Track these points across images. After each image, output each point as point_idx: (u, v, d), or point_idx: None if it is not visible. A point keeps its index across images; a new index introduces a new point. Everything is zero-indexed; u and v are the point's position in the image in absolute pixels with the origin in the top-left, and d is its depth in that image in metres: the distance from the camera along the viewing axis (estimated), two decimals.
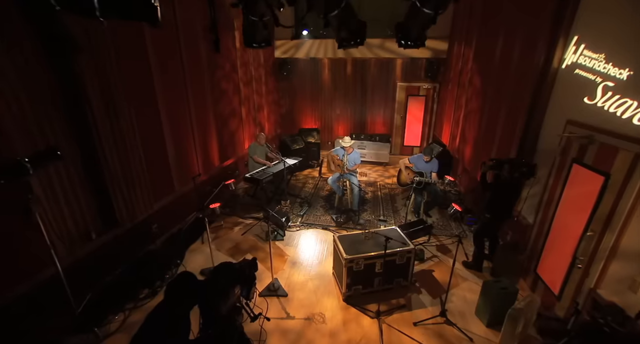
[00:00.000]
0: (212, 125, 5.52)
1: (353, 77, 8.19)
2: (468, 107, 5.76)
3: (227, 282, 2.40)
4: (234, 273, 2.49)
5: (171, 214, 4.56)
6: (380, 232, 3.71)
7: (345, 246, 3.47)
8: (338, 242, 3.56)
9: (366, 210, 5.60)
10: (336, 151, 5.50)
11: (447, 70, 7.26)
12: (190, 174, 4.72)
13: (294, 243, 4.60)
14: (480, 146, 5.10)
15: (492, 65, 4.67)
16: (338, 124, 8.79)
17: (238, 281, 2.49)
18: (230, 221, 5.21)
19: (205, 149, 5.39)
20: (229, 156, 6.21)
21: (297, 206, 5.71)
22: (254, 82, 6.94)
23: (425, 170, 4.94)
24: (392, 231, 3.80)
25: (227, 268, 2.54)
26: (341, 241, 3.57)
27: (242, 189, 6.44)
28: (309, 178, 7.14)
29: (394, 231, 3.79)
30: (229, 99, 5.98)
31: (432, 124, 8.33)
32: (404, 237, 3.61)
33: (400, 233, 3.73)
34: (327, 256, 4.28)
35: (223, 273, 2.49)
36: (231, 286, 2.43)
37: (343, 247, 3.44)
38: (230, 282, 2.42)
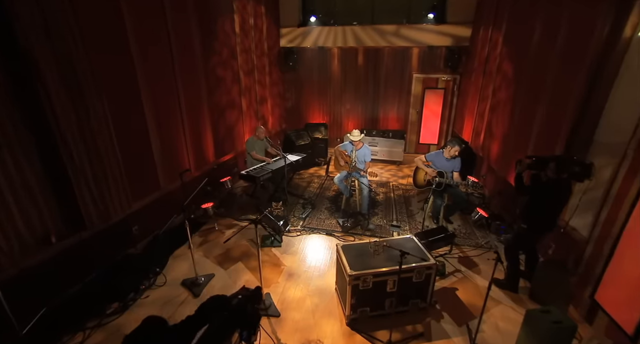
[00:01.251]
0: (207, 116, 4.99)
1: (365, 68, 7.55)
2: (496, 98, 5.04)
3: (221, 328, 1.72)
4: (230, 314, 1.81)
5: (156, 214, 4.04)
6: (393, 242, 3.07)
7: (350, 259, 2.85)
8: (342, 253, 2.94)
9: (377, 214, 4.96)
10: (344, 145, 4.88)
11: (469, 59, 6.53)
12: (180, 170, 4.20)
13: (293, 251, 4.01)
14: (512, 142, 4.38)
15: (529, 47, 3.95)
16: (348, 120, 8.16)
17: (237, 324, 1.82)
18: (224, 223, 4.67)
19: (198, 143, 4.87)
20: (226, 151, 5.68)
21: (299, 208, 5.12)
22: (256, 72, 6.39)
23: (446, 169, 4.26)
24: (408, 241, 3.15)
25: (220, 305, 1.85)
26: (345, 252, 2.95)
27: (241, 188, 5.90)
28: (314, 177, 6.54)
29: (410, 241, 3.15)
30: (226, 88, 5.45)
31: (451, 120, 7.60)
32: (423, 250, 2.96)
33: (418, 243, 3.08)
34: (330, 267, 3.67)
35: (214, 313, 1.78)
36: (227, 334, 1.76)
37: (347, 260, 2.83)
38: (225, 327, 1.75)
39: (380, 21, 6.86)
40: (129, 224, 3.68)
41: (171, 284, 3.38)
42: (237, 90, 5.79)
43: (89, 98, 2.93)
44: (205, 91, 4.86)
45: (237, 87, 5.76)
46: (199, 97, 4.77)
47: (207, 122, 5.02)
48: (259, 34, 6.35)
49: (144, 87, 3.67)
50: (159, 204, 4.09)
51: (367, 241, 3.19)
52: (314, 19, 7.14)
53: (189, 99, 4.51)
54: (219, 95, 5.24)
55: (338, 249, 3.02)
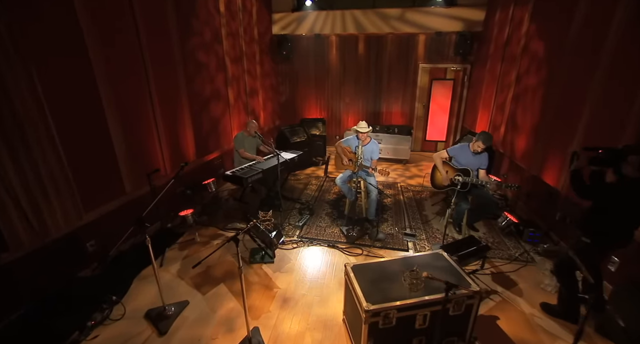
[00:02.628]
0: (186, 109, 4.25)
1: (366, 57, 6.86)
2: (521, 85, 4.38)
3: None
4: None
5: (121, 225, 3.28)
6: (419, 260, 2.37)
7: (364, 285, 2.13)
8: (353, 277, 2.22)
9: (386, 220, 4.25)
10: (347, 141, 4.17)
11: (483, 45, 5.88)
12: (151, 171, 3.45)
13: (288, 268, 3.27)
14: (546, 133, 3.72)
15: (573, 14, 3.28)
16: (348, 115, 7.47)
17: None
18: (206, 234, 3.91)
19: (175, 140, 4.12)
20: (210, 149, 4.93)
21: (296, 214, 4.39)
22: (245, 60, 5.66)
23: (471, 166, 3.58)
24: (437, 258, 2.44)
25: None
26: (358, 275, 2.23)
27: (228, 191, 5.15)
28: (312, 178, 5.82)
29: (439, 258, 2.44)
30: (209, 76, 4.71)
31: (460, 114, 6.94)
32: (460, 271, 2.25)
33: (450, 262, 2.37)
34: (335, 289, 2.95)
35: None
36: None
37: (362, 287, 2.11)
38: None
39: (382, 4, 6.19)
40: (81, 239, 2.92)
41: (131, 317, 2.62)
42: (223, 79, 5.05)
43: (11, 88, 2.18)
44: (183, 78, 4.11)
45: (222, 76, 5.03)
46: (175, 86, 4.03)
47: (187, 115, 4.27)
48: (248, 17, 5.63)
49: (100, 72, 2.93)
50: (125, 213, 3.33)
51: (384, 259, 2.47)
52: (310, 2, 6.45)
53: (163, 88, 3.77)
54: (200, 83, 4.50)
55: (348, 272, 2.29)
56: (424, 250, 3.55)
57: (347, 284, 2.35)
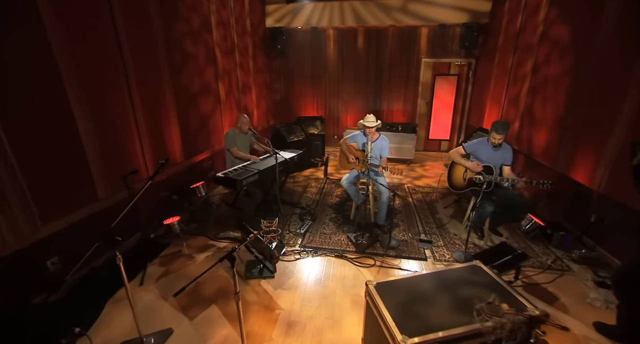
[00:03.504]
0: (171, 103, 3.77)
1: (366, 52, 6.49)
2: (540, 76, 4.04)
3: None
4: None
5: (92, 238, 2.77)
6: (454, 276, 1.94)
7: (394, 309, 1.69)
8: (378, 299, 1.77)
9: (397, 225, 3.83)
10: (353, 137, 3.75)
11: (490, 37, 5.57)
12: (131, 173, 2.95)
13: (291, 284, 2.81)
14: (574, 127, 3.37)
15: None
16: (346, 114, 7.07)
17: None
18: (195, 244, 3.42)
19: (158, 139, 3.63)
20: (199, 150, 4.45)
21: (296, 220, 3.93)
22: (237, 54, 5.22)
23: (494, 162, 3.19)
24: (476, 272, 2.02)
25: None
26: (384, 296, 1.79)
27: (219, 195, 4.66)
28: (311, 180, 5.38)
29: (478, 272, 2.02)
30: (197, 68, 4.24)
31: (465, 112, 6.61)
32: (509, 290, 1.83)
33: (493, 276, 1.95)
34: (349, 308, 2.50)
35: None
36: None
37: (392, 313, 1.66)
38: None
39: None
40: (39, 256, 2.40)
41: None
42: (213, 72, 4.59)
43: None
44: (167, 69, 3.64)
45: (212, 69, 4.57)
46: (158, 78, 3.55)
47: (172, 110, 3.79)
48: (239, 6, 5.20)
49: (63, 57, 2.44)
50: (98, 222, 2.82)
51: (411, 274, 2.04)
52: None
53: (144, 79, 3.29)
54: (187, 76, 4.03)
55: (371, 292, 1.84)
56: (443, 258, 3.13)
57: (369, 306, 1.90)
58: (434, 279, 1.95)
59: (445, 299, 1.76)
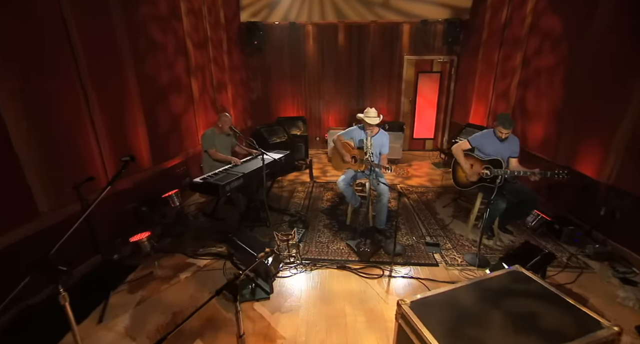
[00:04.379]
0: (135, 97, 3.22)
1: (347, 49, 6.24)
2: (531, 68, 3.96)
3: None
4: None
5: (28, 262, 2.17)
6: (496, 285, 1.64)
7: (442, 336, 1.34)
8: (419, 324, 1.41)
9: (399, 228, 3.52)
10: (348, 133, 3.42)
11: (472, 34, 5.52)
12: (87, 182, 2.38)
13: (292, 305, 2.38)
14: (575, 118, 3.27)
15: None
16: (328, 114, 6.75)
17: None
18: (169, 264, 2.88)
19: (120, 139, 3.06)
20: (171, 154, 3.90)
21: (286, 229, 3.50)
22: (211, 47, 4.73)
23: (501, 155, 2.99)
24: (516, 278, 1.73)
25: None
26: (424, 319, 1.43)
27: (196, 205, 4.11)
28: (297, 184, 4.96)
29: (519, 278, 1.73)
30: (167, 60, 3.72)
31: (448, 109, 6.54)
32: (571, 302, 1.54)
33: (542, 283, 1.67)
34: (363, 329, 2.11)
35: None
36: None
37: (440, 341, 1.30)
38: None
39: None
40: None
41: None
42: (184, 66, 4.07)
43: None
44: (130, 57, 3.10)
45: (183, 62, 4.05)
46: (118, 66, 3.00)
47: (137, 108, 3.24)
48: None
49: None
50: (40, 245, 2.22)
51: (446, 288, 1.70)
52: None
53: (100, 68, 2.74)
54: (154, 67, 3.49)
55: (406, 314, 1.48)
56: (455, 262, 2.85)
57: (402, 331, 1.53)
58: (475, 291, 1.63)
59: (498, 317, 1.44)
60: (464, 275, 2.69)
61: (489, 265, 2.78)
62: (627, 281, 2.52)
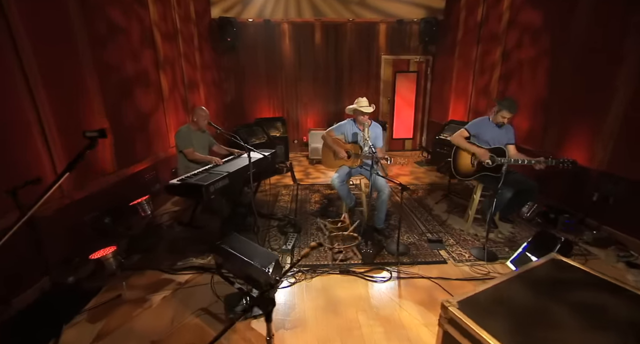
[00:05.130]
0: (94, 90, 2.74)
1: (324, 48, 6.09)
2: (512, 61, 4.02)
3: None
4: None
5: None
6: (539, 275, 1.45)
7: (509, 341, 1.09)
8: (477, 328, 1.16)
9: (397, 227, 3.31)
10: (339, 128, 3.22)
11: (448, 33, 5.62)
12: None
13: (296, 320, 2.04)
14: (560, 108, 3.31)
15: None
16: (306, 116, 6.52)
17: None
18: (141, 283, 2.42)
19: (75, 137, 2.56)
20: (138, 157, 3.41)
21: (276, 234, 3.16)
22: (181, 41, 4.32)
23: (499, 142, 2.92)
24: (558, 267, 1.56)
25: None
26: (482, 321, 1.18)
27: (169, 214, 3.63)
28: (279, 187, 4.63)
29: (561, 267, 1.56)
30: (131, 48, 3.28)
31: (426, 109, 6.59)
32: (633, 291, 1.39)
33: (590, 271, 1.51)
34: (383, 339, 1.83)
35: None
36: None
37: None
38: None
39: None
40: None
41: None
42: (152, 58, 3.63)
43: None
44: (86, 41, 2.64)
45: (151, 54, 3.61)
46: (71, 52, 2.53)
47: (96, 100, 2.77)
48: None
49: None
50: None
51: (488, 284, 1.48)
52: None
53: (47, 51, 2.28)
54: (116, 55, 3.04)
55: (455, 317, 1.23)
56: (463, 258, 2.69)
57: (448, 339, 1.28)
58: (523, 285, 1.42)
59: (563, 312, 1.24)
60: (475, 271, 2.52)
61: (498, 258, 2.65)
62: (631, 264, 2.49)
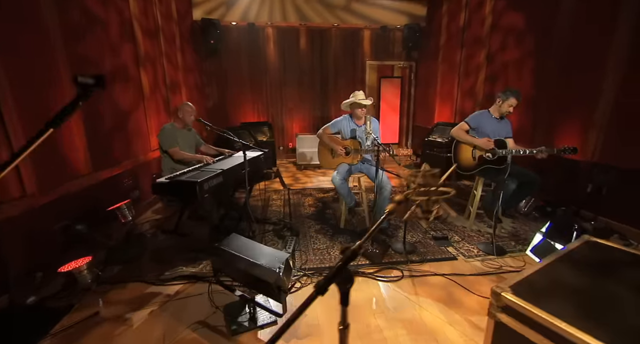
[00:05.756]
0: (68, 81, 2.45)
1: (309, 54, 6.05)
2: (498, 62, 4.14)
3: None
4: None
5: None
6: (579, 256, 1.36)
7: (583, 325, 0.96)
8: (543, 314, 1.02)
9: (399, 226, 3.19)
10: (335, 125, 3.17)
11: (430, 39, 5.77)
12: None
13: (308, 327, 1.82)
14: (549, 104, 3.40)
15: None
16: (292, 121, 6.38)
17: None
18: (123, 297, 2.09)
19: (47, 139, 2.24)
20: (116, 159, 3.09)
21: (272, 238, 2.93)
22: (163, 40, 4.09)
23: (499, 135, 2.92)
24: (594, 248, 1.48)
25: None
26: (540, 305, 1.05)
27: (150, 222, 3.28)
28: (269, 192, 4.40)
29: (597, 248, 1.48)
30: (109, 41, 3.01)
31: (410, 114, 6.68)
32: None
33: (628, 250, 1.43)
34: (408, 341, 1.66)
35: None
36: None
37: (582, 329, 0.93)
38: None
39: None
40: None
41: None
42: (132, 53, 3.37)
43: None
44: (58, 27, 2.37)
45: (131, 49, 3.35)
46: (42, 38, 2.26)
47: (71, 94, 2.47)
48: None
49: None
50: None
51: (535, 267, 1.36)
52: None
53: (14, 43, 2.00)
54: (94, 46, 2.77)
55: (514, 306, 1.09)
56: (473, 253, 2.60)
57: (502, 330, 1.13)
58: (568, 267, 1.32)
59: (621, 291, 1.13)
60: (487, 265, 2.43)
61: (507, 252, 2.59)
62: None
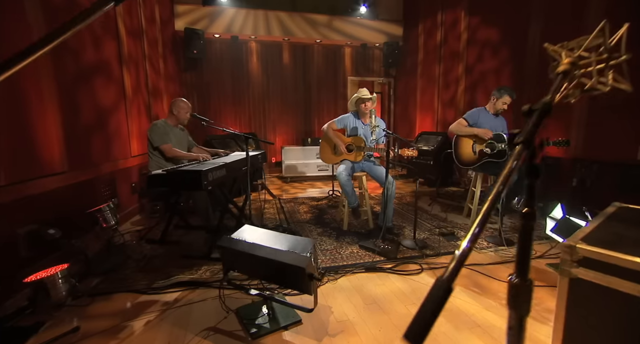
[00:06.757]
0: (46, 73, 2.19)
1: (292, 68, 6.12)
2: (476, 73, 4.43)
3: None
4: None
5: None
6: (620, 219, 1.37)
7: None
8: (624, 257, 0.96)
9: (402, 226, 3.11)
10: (341, 121, 3.13)
11: (408, 57, 6.12)
12: None
13: (337, 322, 1.62)
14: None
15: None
16: (274, 135, 6.28)
17: None
18: (107, 310, 1.74)
19: (17, 126, 1.96)
20: (94, 160, 2.75)
21: None
22: (146, 42, 3.91)
23: (496, 131, 3.03)
24: (627, 210, 1.49)
25: None
26: (614, 249, 0.99)
27: (132, 233, 2.90)
28: (260, 202, 4.16)
29: (629, 210, 1.50)
30: (90, 30, 2.80)
31: (391, 128, 6.87)
32: None
33: None
34: (451, 330, 1.51)
35: None
36: None
37: None
38: None
39: (305, 9, 5.72)
40: None
41: None
42: (115, 50, 3.15)
43: None
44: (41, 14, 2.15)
45: (113, 46, 3.13)
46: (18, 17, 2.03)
47: (46, 81, 2.19)
48: None
49: None
50: None
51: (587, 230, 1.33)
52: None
53: None
54: (74, 37, 2.54)
55: (595, 257, 1.02)
56: (483, 246, 2.58)
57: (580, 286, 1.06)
58: (619, 225, 1.30)
59: None
60: (501, 255, 2.40)
61: (514, 243, 2.59)
62: None
